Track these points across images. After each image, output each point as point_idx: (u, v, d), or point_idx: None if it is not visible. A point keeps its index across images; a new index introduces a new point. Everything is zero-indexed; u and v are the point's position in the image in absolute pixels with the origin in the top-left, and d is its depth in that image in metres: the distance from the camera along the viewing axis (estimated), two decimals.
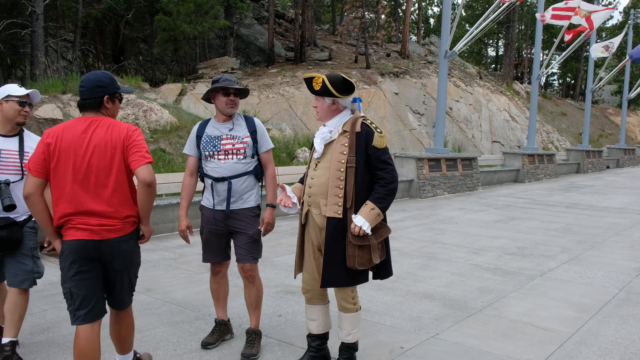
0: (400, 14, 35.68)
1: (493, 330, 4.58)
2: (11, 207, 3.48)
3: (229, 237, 4.05)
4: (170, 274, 6.10)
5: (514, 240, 8.45)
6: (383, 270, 3.59)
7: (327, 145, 3.54)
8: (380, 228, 3.45)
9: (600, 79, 27.69)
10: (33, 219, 3.68)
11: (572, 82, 54.94)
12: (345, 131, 3.48)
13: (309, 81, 3.50)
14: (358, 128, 3.45)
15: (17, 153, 3.70)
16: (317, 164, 3.58)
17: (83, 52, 20.78)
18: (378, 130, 3.47)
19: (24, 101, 3.73)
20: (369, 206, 3.36)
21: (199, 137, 4.00)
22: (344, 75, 3.48)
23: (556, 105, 40.88)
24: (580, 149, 25.28)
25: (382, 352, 4.06)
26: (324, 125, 3.59)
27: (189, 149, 4.07)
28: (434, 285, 5.88)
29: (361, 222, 3.33)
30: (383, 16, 31.09)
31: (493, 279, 6.16)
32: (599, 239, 8.69)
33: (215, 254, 4.07)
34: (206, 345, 4.05)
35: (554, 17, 17.99)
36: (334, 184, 3.44)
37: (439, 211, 11.43)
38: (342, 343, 3.68)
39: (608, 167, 27.98)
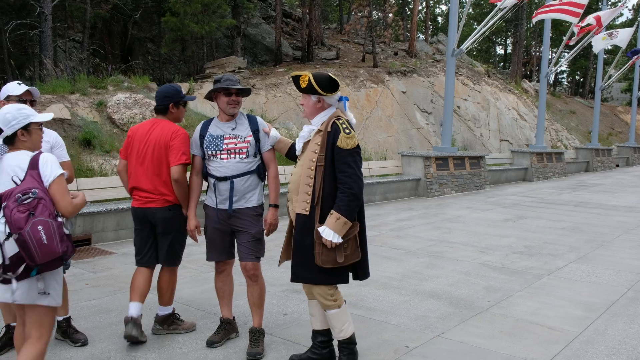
0: (408, 13, 35.58)
1: (499, 329, 4.56)
2: None
3: (233, 235, 4.06)
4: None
5: (521, 239, 8.41)
6: (361, 271, 3.62)
7: (306, 143, 3.62)
8: (348, 228, 3.43)
9: (610, 77, 27.43)
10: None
11: (581, 80, 54.60)
12: (320, 130, 3.54)
13: (296, 79, 3.57)
14: (329, 127, 3.49)
15: None
16: (297, 162, 3.69)
17: (91, 52, 20.87)
18: (346, 131, 3.45)
19: (24, 99, 3.78)
20: (334, 216, 3.36)
21: (202, 136, 4.02)
22: (330, 74, 3.53)
23: (565, 104, 40.64)
24: (590, 147, 25.10)
25: (387, 351, 4.05)
26: (310, 124, 3.65)
27: (193, 148, 4.09)
28: (440, 284, 5.86)
29: (330, 235, 3.35)
30: (390, 15, 30.97)
31: (500, 278, 6.13)
32: (607, 238, 8.63)
33: (219, 253, 4.08)
34: (211, 343, 4.06)
35: (553, 11, 17.63)
36: (304, 181, 3.50)
37: (446, 210, 11.40)
38: (339, 341, 3.68)
39: (617, 166, 27.77)
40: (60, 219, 2.88)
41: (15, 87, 3.79)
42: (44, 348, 2.94)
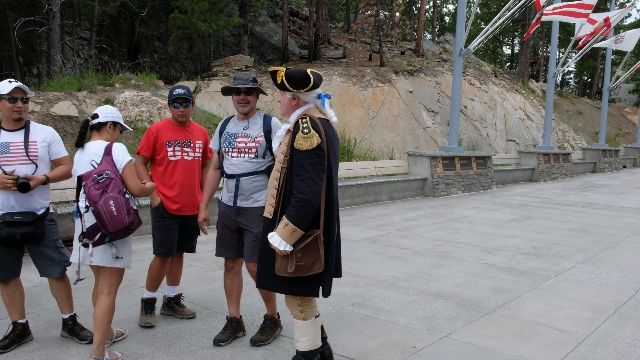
0: (415, 12, 35.50)
1: (507, 330, 4.54)
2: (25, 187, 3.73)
3: (242, 234, 4.07)
4: (183, 270, 6.09)
5: (528, 239, 8.37)
6: (324, 285, 3.32)
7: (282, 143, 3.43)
8: (304, 237, 3.20)
9: (618, 78, 27.28)
10: (51, 211, 4.00)
11: (589, 80, 54.32)
12: (289, 130, 3.33)
13: (273, 74, 3.34)
14: (293, 127, 3.28)
15: (23, 144, 3.83)
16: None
17: (99, 49, 20.90)
18: (305, 130, 3.16)
19: (14, 97, 3.77)
20: (283, 222, 3.15)
21: (220, 132, 4.10)
22: (308, 70, 3.26)
23: (572, 104, 40.45)
24: (597, 148, 24.98)
25: (394, 352, 4.03)
26: (289, 122, 3.46)
27: (213, 143, 4.20)
28: (448, 284, 5.84)
29: (277, 242, 3.15)
30: (397, 14, 30.87)
31: (507, 279, 6.10)
32: (615, 239, 8.58)
33: (227, 249, 4.11)
34: (218, 342, 4.06)
35: (561, 13, 17.71)
36: (272, 184, 3.37)
37: (452, 210, 11.36)
38: (296, 350, 3.52)
39: (625, 167, 27.63)
40: (127, 196, 3.54)
41: (5, 85, 3.78)
42: (113, 299, 3.66)
